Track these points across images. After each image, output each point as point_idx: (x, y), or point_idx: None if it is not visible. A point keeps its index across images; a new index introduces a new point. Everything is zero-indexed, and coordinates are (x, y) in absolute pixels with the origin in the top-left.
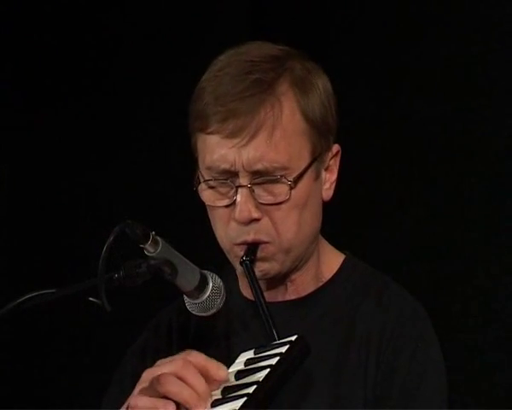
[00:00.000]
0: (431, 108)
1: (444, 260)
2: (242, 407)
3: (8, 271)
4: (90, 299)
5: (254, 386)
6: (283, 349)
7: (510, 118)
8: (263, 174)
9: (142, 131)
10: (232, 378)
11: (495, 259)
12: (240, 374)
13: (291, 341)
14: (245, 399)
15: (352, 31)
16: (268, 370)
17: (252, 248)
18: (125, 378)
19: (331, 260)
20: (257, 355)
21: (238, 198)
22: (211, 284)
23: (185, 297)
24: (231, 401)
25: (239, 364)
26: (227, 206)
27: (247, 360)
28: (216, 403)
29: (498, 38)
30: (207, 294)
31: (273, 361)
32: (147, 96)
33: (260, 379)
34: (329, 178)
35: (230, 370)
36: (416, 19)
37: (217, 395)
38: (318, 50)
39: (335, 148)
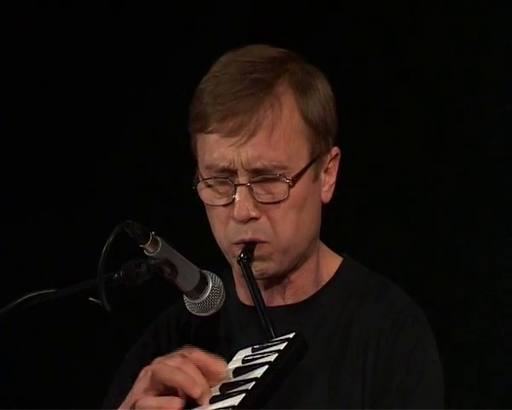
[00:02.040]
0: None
1: (443, 260)
2: (241, 403)
3: (8, 271)
4: (90, 299)
5: (253, 382)
6: (281, 346)
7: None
8: (262, 173)
9: (141, 132)
10: (230, 375)
11: (495, 259)
12: (238, 371)
13: (289, 338)
14: (244, 395)
15: (351, 34)
16: (266, 367)
17: (249, 246)
18: (125, 380)
19: (329, 264)
20: (255, 353)
21: (237, 197)
22: (210, 285)
23: (185, 297)
24: (230, 397)
25: (237, 361)
26: (226, 205)
27: (245, 357)
28: (214, 399)
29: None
30: (207, 294)
31: (271, 358)
32: (146, 98)
33: (259, 376)
34: (328, 181)
35: (228, 367)
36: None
37: (215, 391)
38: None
39: (335, 150)
